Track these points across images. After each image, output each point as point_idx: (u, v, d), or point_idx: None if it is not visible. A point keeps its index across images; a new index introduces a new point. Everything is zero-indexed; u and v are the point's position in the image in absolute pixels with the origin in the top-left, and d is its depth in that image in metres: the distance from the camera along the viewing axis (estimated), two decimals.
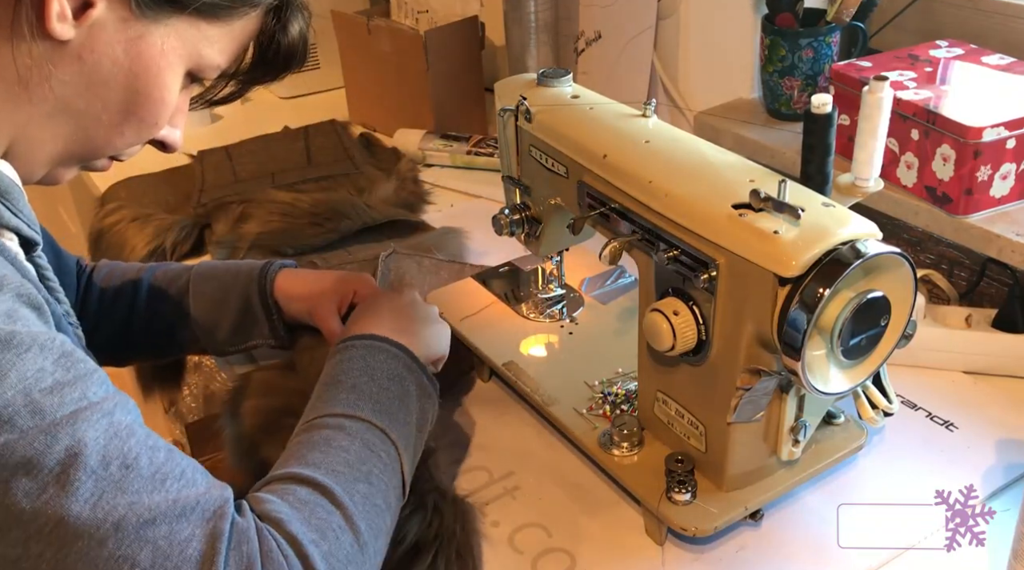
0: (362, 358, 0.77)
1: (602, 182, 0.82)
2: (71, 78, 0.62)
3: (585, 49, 1.44)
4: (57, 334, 0.57)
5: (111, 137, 0.66)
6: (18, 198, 0.65)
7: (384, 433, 0.72)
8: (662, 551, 0.80)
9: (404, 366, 0.79)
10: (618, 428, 0.84)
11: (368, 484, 0.67)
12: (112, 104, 0.64)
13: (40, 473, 0.52)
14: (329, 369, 0.78)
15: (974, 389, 0.96)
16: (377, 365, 0.77)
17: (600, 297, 1.07)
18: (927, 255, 1.17)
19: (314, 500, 0.64)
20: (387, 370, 0.77)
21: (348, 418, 0.71)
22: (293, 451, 0.69)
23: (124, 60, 0.63)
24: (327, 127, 1.60)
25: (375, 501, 0.67)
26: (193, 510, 0.57)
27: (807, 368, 0.68)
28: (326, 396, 0.74)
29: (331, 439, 0.69)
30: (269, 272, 0.97)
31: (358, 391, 0.74)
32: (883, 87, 0.75)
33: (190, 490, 0.58)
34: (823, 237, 0.67)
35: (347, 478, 0.66)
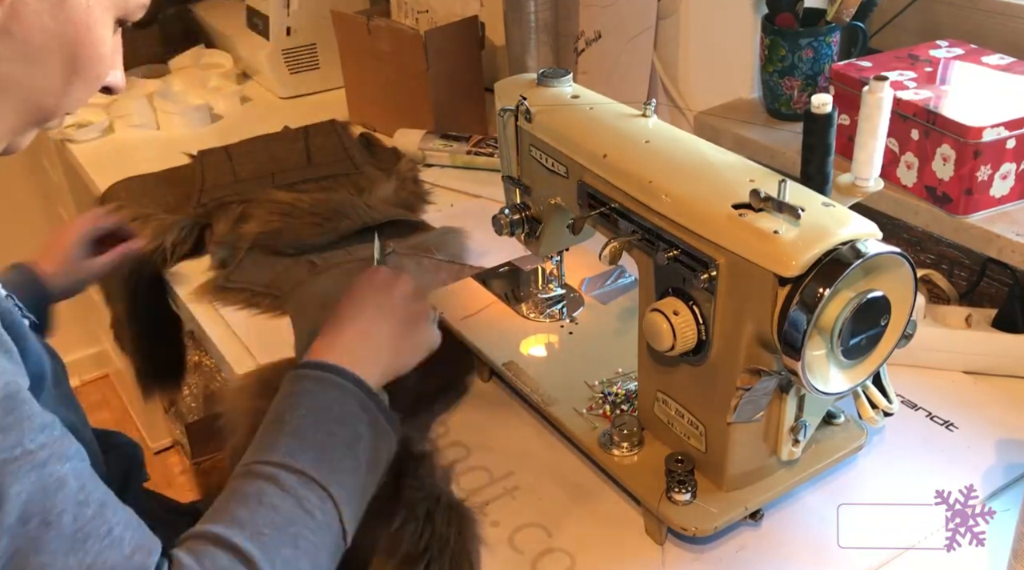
0: (311, 395, 0.73)
1: (602, 182, 0.82)
2: (6, 54, 0.61)
3: (585, 49, 1.44)
4: (11, 379, 0.55)
5: (59, 101, 0.66)
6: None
7: (322, 488, 0.67)
8: (662, 551, 0.80)
9: (358, 406, 0.74)
10: (618, 428, 0.84)
11: (294, 548, 0.64)
12: (52, 71, 0.64)
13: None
14: (277, 403, 0.74)
15: (974, 389, 0.96)
16: (327, 406, 0.73)
17: (600, 297, 1.07)
18: (927, 255, 1.17)
19: (232, 568, 0.61)
20: (337, 412, 0.73)
21: (285, 469, 0.67)
22: (223, 503, 0.66)
23: (54, 26, 0.62)
24: (327, 127, 1.60)
25: (299, 565, 0.64)
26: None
27: (807, 368, 0.68)
28: (268, 439, 0.71)
29: (263, 493, 0.66)
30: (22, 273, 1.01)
31: (300, 437, 0.70)
32: (883, 87, 0.75)
33: (111, 553, 0.56)
34: (823, 237, 0.67)
35: (271, 542, 0.63)
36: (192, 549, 0.62)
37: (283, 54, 1.81)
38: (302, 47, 1.82)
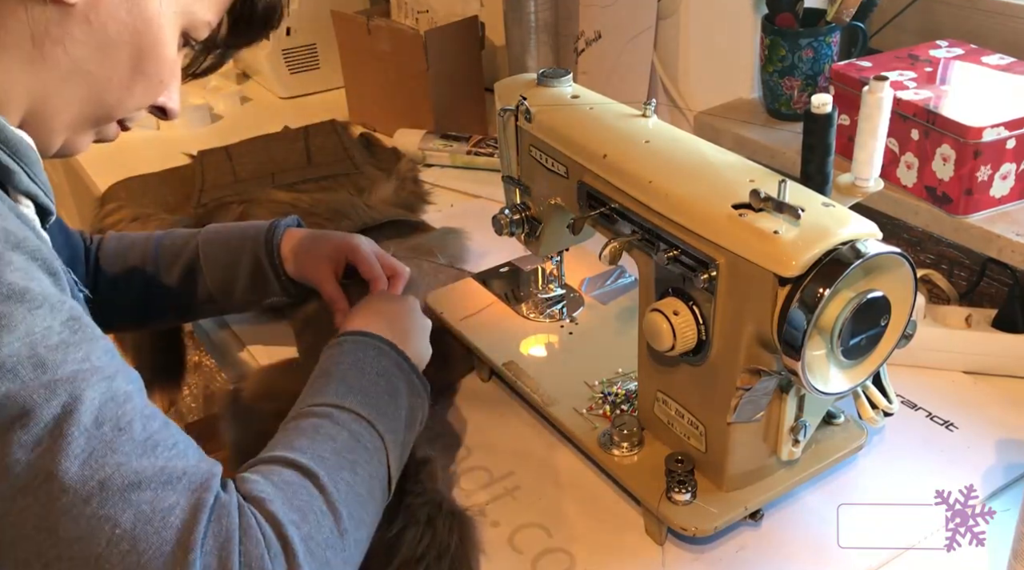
0: (352, 352, 0.79)
1: (602, 182, 0.82)
2: (82, 40, 0.64)
3: (585, 49, 1.44)
4: (68, 299, 0.58)
5: (122, 98, 0.69)
6: (35, 164, 0.66)
7: (371, 425, 0.72)
8: (662, 551, 0.80)
9: (394, 364, 0.80)
10: (618, 428, 0.84)
11: (352, 473, 0.68)
12: (121, 63, 0.67)
13: (36, 426, 0.53)
14: (320, 363, 0.79)
15: (974, 389, 0.96)
16: (367, 360, 0.78)
17: (600, 297, 1.07)
18: (927, 255, 1.17)
19: (298, 482, 0.64)
20: (376, 366, 0.78)
21: (336, 408, 0.72)
22: (281, 437, 0.70)
23: (128, 19, 0.65)
24: (327, 127, 1.60)
25: (358, 490, 0.68)
26: (179, 480, 0.57)
27: (807, 368, 0.68)
28: (316, 387, 0.76)
29: (319, 427, 0.70)
30: (275, 236, 1.01)
31: (347, 383, 0.75)
32: (883, 87, 0.75)
33: (179, 461, 0.58)
34: (823, 237, 0.67)
35: (332, 465, 0.67)
36: (256, 469, 0.65)
37: (283, 54, 1.81)
38: (302, 47, 1.82)
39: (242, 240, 1.02)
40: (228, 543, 0.57)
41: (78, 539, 0.53)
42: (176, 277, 1.01)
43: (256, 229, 1.03)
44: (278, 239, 1.01)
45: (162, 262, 1.02)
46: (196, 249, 1.02)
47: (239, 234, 1.03)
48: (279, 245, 1.01)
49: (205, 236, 1.03)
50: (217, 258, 1.01)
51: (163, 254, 1.02)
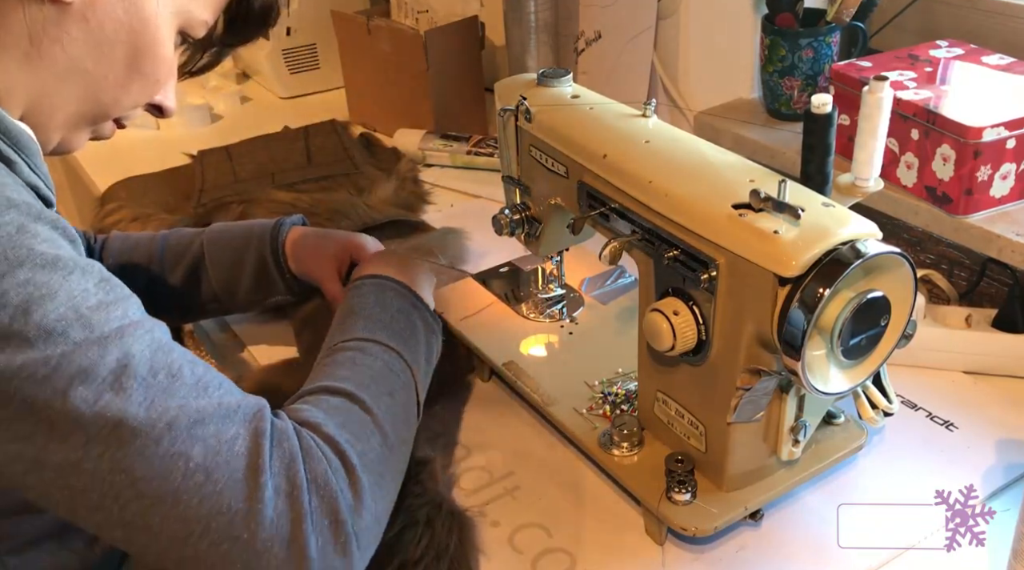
0: (373, 293, 0.84)
1: (602, 182, 0.82)
2: (79, 39, 0.65)
3: (585, 49, 1.44)
4: (94, 261, 0.61)
5: (119, 96, 0.70)
6: (35, 155, 0.67)
7: (400, 356, 0.77)
8: (662, 551, 0.80)
9: (410, 304, 0.85)
10: (618, 428, 0.84)
11: (391, 397, 0.73)
12: (118, 62, 0.68)
13: (95, 381, 0.56)
14: (344, 305, 0.84)
15: (974, 389, 0.96)
16: (387, 299, 0.83)
17: (600, 297, 1.07)
18: (927, 255, 1.17)
19: (346, 407, 0.69)
20: (397, 304, 0.83)
21: (368, 341, 0.77)
22: (320, 371, 0.75)
23: (125, 18, 0.66)
24: (327, 127, 1.60)
25: (397, 412, 0.73)
26: (236, 412, 0.61)
27: (807, 368, 0.68)
28: (344, 326, 0.80)
29: (354, 359, 0.75)
30: (280, 234, 1.02)
31: (373, 320, 0.80)
32: (883, 87, 0.75)
33: (230, 397, 0.62)
34: (823, 237, 0.67)
35: (373, 391, 0.72)
36: (305, 399, 0.69)
37: (283, 54, 1.81)
38: (302, 47, 1.82)
39: (247, 238, 1.03)
40: (293, 463, 0.61)
41: (154, 477, 0.57)
42: (180, 277, 1.01)
43: (261, 227, 1.03)
44: (283, 237, 1.02)
45: (167, 262, 1.02)
46: (200, 248, 1.02)
47: (244, 233, 1.04)
48: (284, 243, 1.01)
49: (209, 235, 1.04)
50: (222, 257, 1.02)
51: (168, 253, 1.02)
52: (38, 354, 0.55)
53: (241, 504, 0.59)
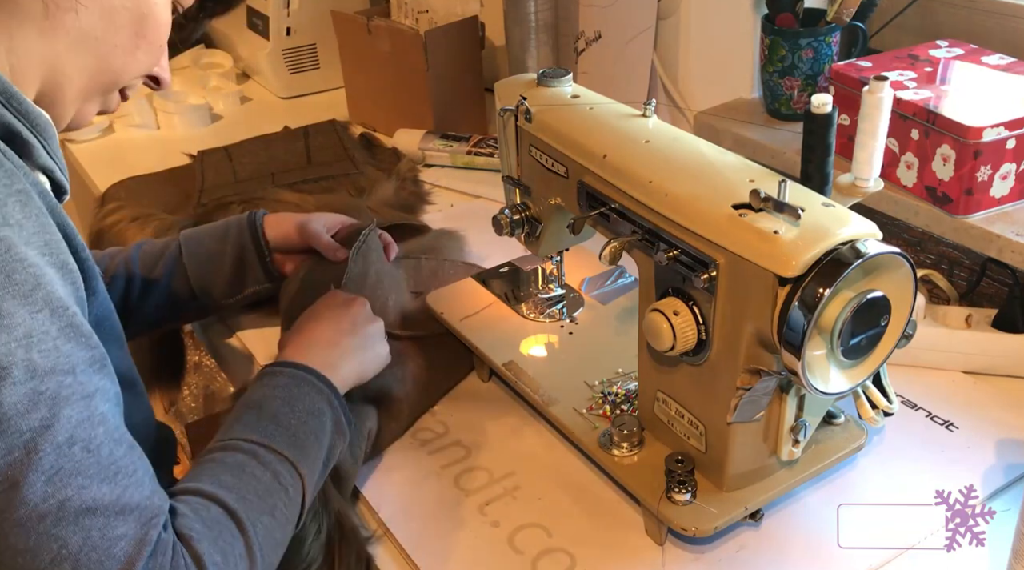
0: (286, 387, 0.78)
1: (602, 182, 0.82)
2: (88, 6, 0.67)
3: (585, 49, 1.44)
4: (71, 304, 0.60)
5: (127, 63, 0.72)
6: (53, 139, 0.69)
7: (294, 467, 0.73)
8: (662, 551, 0.80)
9: (326, 402, 0.80)
10: (618, 428, 0.84)
11: (271, 517, 0.69)
12: (125, 28, 0.70)
13: (13, 434, 0.55)
14: (252, 392, 0.78)
15: (974, 389, 0.96)
16: (300, 397, 0.78)
17: (600, 297, 1.07)
18: (927, 255, 1.17)
19: (223, 523, 0.66)
20: (308, 405, 0.78)
21: (263, 447, 0.72)
22: (207, 468, 0.70)
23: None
24: (327, 127, 1.60)
25: (274, 534, 0.70)
26: (132, 512, 0.59)
27: (807, 368, 0.68)
28: (246, 420, 0.75)
29: (244, 465, 0.70)
30: (257, 218, 1.05)
31: (277, 421, 0.75)
32: (883, 87, 0.75)
33: (135, 491, 0.60)
34: (823, 237, 0.67)
35: (255, 508, 0.68)
36: (186, 501, 0.66)
37: (283, 54, 1.81)
38: (302, 47, 1.82)
39: (224, 230, 1.05)
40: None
41: (24, 551, 0.55)
42: (156, 278, 1.02)
43: (237, 219, 1.06)
44: (260, 222, 1.04)
45: (143, 267, 1.03)
46: (177, 248, 1.04)
47: (220, 227, 1.06)
48: (261, 227, 1.04)
49: (185, 235, 1.06)
50: (200, 252, 1.04)
51: (143, 259, 1.03)
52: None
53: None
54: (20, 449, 0.55)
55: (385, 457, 0.92)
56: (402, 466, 0.91)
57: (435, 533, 0.83)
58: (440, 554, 0.81)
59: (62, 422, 0.56)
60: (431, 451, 0.93)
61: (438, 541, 0.82)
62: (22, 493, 0.54)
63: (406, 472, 0.90)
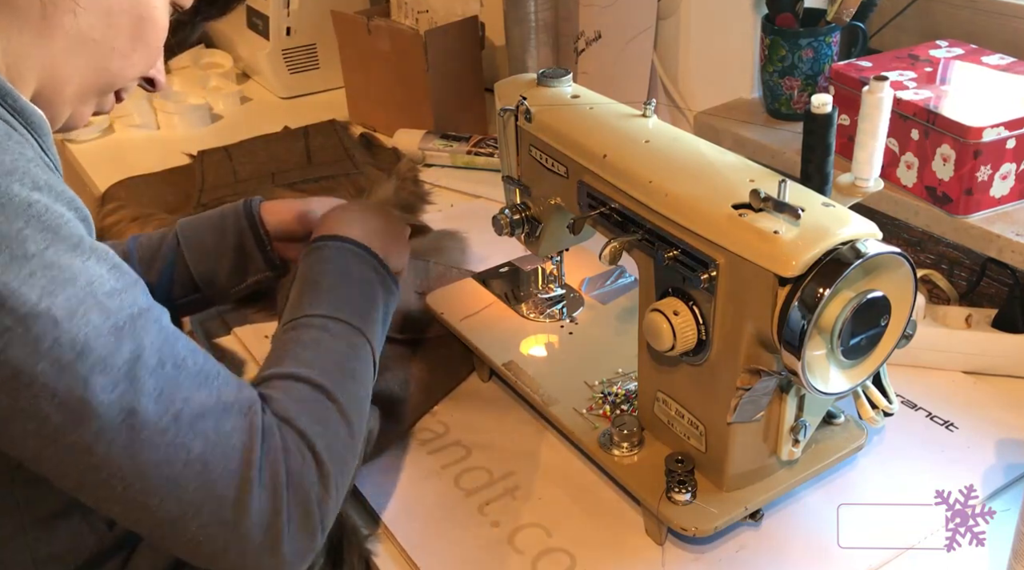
0: (336, 260, 0.84)
1: (602, 182, 0.82)
2: (86, 7, 0.67)
3: (585, 49, 1.44)
4: (105, 246, 0.63)
5: (124, 66, 0.72)
6: (48, 138, 0.69)
7: (362, 334, 0.79)
8: (662, 551, 0.80)
9: (372, 269, 0.85)
10: (618, 428, 0.84)
11: (354, 381, 0.76)
12: (123, 30, 0.70)
13: (111, 371, 0.59)
14: (306, 269, 0.84)
15: (974, 389, 0.96)
16: (350, 268, 0.84)
17: (600, 297, 1.07)
18: (927, 255, 1.17)
19: (314, 398, 0.72)
20: (359, 273, 0.84)
21: (332, 320, 0.78)
22: (287, 349, 0.76)
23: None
24: (327, 127, 1.60)
25: (359, 395, 0.76)
26: (232, 406, 0.65)
27: (807, 368, 0.68)
28: (307, 298, 0.80)
29: (320, 340, 0.77)
30: (253, 205, 1.04)
31: (337, 293, 0.81)
32: (883, 87, 0.75)
33: (227, 388, 0.65)
34: (823, 237, 0.67)
35: (337, 376, 0.74)
36: (275, 386, 0.72)
37: (283, 54, 1.81)
38: (302, 47, 1.82)
39: (222, 219, 1.03)
40: (277, 460, 0.66)
41: (158, 463, 0.60)
42: (156, 273, 1.01)
43: (233, 207, 1.04)
44: (256, 210, 1.03)
45: (141, 260, 1.01)
46: (175, 239, 1.02)
47: (217, 215, 1.04)
48: (259, 215, 1.03)
49: (182, 226, 1.04)
50: (199, 243, 1.02)
51: (141, 253, 1.02)
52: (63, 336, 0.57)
53: (232, 492, 0.63)
54: (124, 381, 0.59)
55: (385, 457, 0.92)
56: (402, 466, 0.91)
57: (435, 533, 0.83)
58: (440, 554, 0.81)
59: (148, 349, 0.61)
60: (431, 451, 0.93)
61: (438, 541, 0.82)
62: (140, 417, 0.59)
63: (406, 472, 0.90)
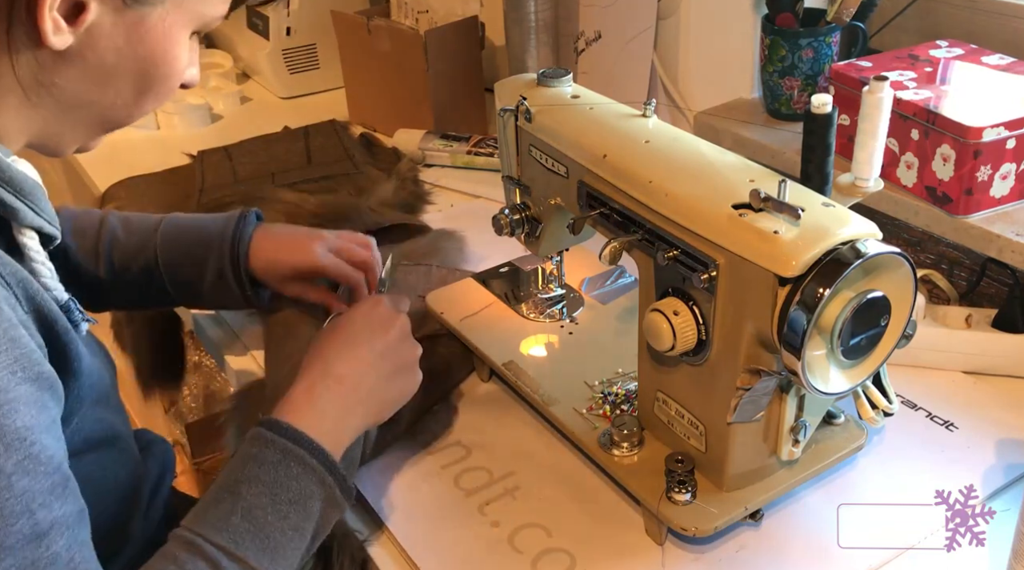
0: (273, 470, 0.70)
1: (602, 182, 0.82)
2: (78, 76, 0.63)
3: (585, 49, 1.44)
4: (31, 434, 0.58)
5: (131, 113, 0.69)
6: (40, 198, 0.66)
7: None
8: (662, 551, 0.80)
9: (318, 482, 0.72)
10: (618, 428, 0.84)
11: None
12: (125, 89, 0.66)
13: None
14: (237, 465, 0.71)
15: (974, 389, 0.96)
16: (286, 485, 0.70)
17: (600, 297, 1.07)
18: (927, 255, 1.17)
19: None
20: (295, 491, 0.70)
21: (227, 555, 0.67)
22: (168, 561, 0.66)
23: (127, 48, 0.64)
24: (327, 127, 1.60)
25: None
26: None
27: (807, 368, 0.68)
28: (220, 510, 0.69)
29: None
30: (242, 239, 0.93)
31: (253, 520, 0.68)
32: (883, 87, 0.75)
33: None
34: (823, 237, 0.67)
35: None
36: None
37: (283, 54, 1.81)
38: (302, 47, 1.82)
39: (205, 246, 0.94)
40: None
41: None
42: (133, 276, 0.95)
43: (220, 230, 0.94)
44: (244, 248, 0.94)
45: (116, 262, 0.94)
46: (155, 253, 0.94)
47: (203, 237, 0.95)
48: (246, 254, 0.94)
49: (165, 233, 0.95)
50: (176, 261, 0.95)
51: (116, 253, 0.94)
52: None
53: None
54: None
55: (385, 457, 0.92)
56: (402, 466, 0.91)
57: (435, 533, 0.83)
58: (440, 554, 0.81)
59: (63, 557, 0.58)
60: (431, 451, 0.93)
61: (438, 541, 0.82)
62: None
63: (406, 472, 0.90)
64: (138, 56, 0.64)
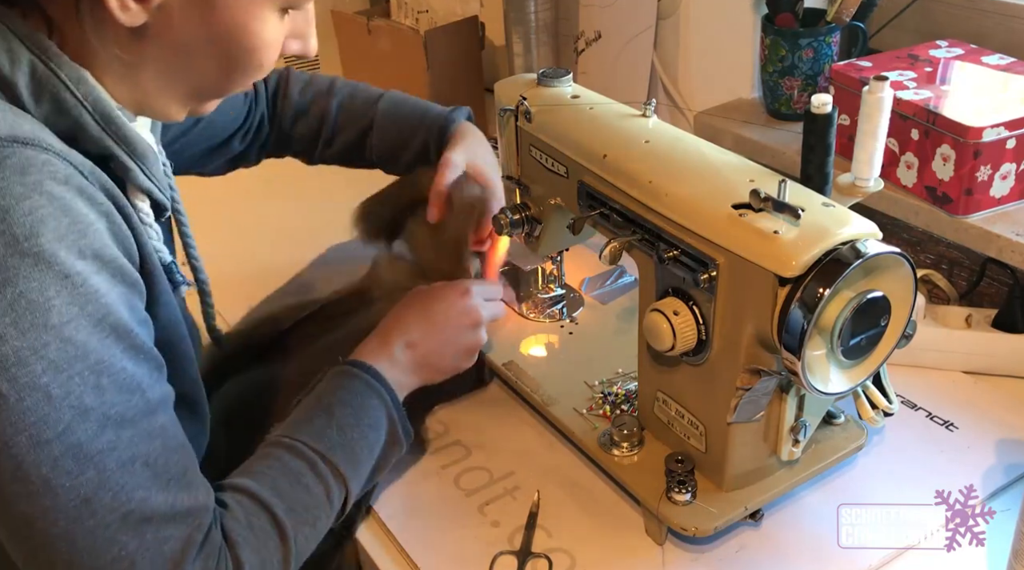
0: (359, 396, 0.81)
1: (602, 182, 0.82)
2: (158, 54, 0.66)
3: (585, 49, 1.44)
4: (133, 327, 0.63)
5: (223, 87, 0.71)
6: (153, 163, 0.70)
7: (344, 484, 0.77)
8: (662, 551, 0.80)
9: (388, 417, 0.82)
10: (618, 428, 0.84)
11: (312, 528, 0.74)
12: (208, 65, 0.68)
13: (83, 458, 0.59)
14: (329, 388, 0.81)
15: (974, 389, 0.96)
16: (367, 411, 0.81)
17: (600, 297, 1.07)
18: (927, 255, 1.17)
19: (269, 533, 0.70)
20: (373, 418, 0.81)
21: (323, 460, 0.76)
22: (269, 467, 0.74)
23: (203, 30, 0.65)
24: None
25: (311, 543, 0.75)
26: (181, 516, 0.63)
27: (807, 368, 0.68)
28: (315, 423, 0.78)
29: (302, 474, 0.75)
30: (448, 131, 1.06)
31: (342, 433, 0.78)
32: (883, 87, 0.75)
33: (185, 496, 0.64)
34: (823, 237, 0.67)
35: (301, 520, 0.73)
36: (240, 503, 0.70)
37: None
38: None
39: (416, 128, 1.07)
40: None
41: (87, 550, 0.60)
42: (346, 141, 1.10)
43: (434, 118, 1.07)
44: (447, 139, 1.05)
45: (337, 126, 1.10)
46: (371, 122, 1.09)
47: (416, 118, 1.08)
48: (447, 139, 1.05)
49: (383, 110, 1.09)
50: (388, 136, 1.08)
51: (340, 119, 1.10)
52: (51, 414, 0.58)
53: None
54: (91, 470, 0.59)
55: None
56: (402, 466, 0.91)
57: (435, 533, 0.83)
58: (440, 554, 0.81)
59: (125, 442, 0.61)
60: (431, 451, 0.93)
61: (438, 541, 0.82)
62: (92, 507, 0.59)
63: (406, 472, 0.90)
64: (215, 35, 0.66)
